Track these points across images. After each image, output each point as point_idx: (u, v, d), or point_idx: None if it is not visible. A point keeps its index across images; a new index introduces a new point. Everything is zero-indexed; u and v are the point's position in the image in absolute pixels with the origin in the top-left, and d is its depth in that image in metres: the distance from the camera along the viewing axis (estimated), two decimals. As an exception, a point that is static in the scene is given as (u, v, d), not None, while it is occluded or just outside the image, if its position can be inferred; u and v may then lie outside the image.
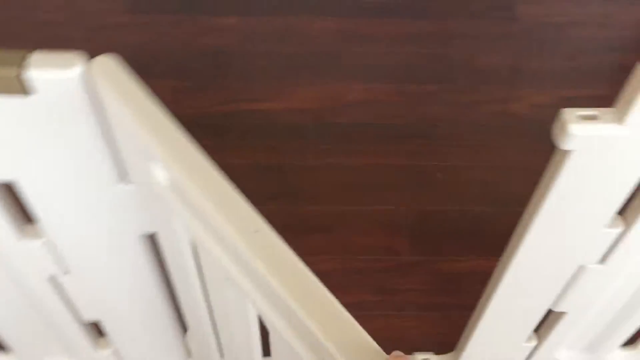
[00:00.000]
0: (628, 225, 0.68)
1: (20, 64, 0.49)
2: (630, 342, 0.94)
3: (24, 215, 0.65)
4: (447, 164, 1.27)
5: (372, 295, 1.11)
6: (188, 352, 0.92)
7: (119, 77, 0.51)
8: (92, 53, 0.54)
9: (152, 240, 0.68)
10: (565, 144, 0.57)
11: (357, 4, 1.52)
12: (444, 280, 1.12)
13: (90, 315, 0.80)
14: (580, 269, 0.75)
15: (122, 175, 0.61)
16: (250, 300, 0.55)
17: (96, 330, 0.85)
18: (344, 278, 1.12)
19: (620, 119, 0.55)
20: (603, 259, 0.73)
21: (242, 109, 1.35)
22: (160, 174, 0.57)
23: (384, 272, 1.13)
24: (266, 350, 0.62)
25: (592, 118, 0.56)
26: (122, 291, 0.75)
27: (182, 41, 1.45)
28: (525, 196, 1.24)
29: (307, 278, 0.48)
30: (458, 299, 1.09)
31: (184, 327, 0.86)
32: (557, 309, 0.83)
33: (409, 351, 1.00)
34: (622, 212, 0.68)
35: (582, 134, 0.56)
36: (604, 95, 1.36)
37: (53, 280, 0.73)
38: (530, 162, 1.28)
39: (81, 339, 0.84)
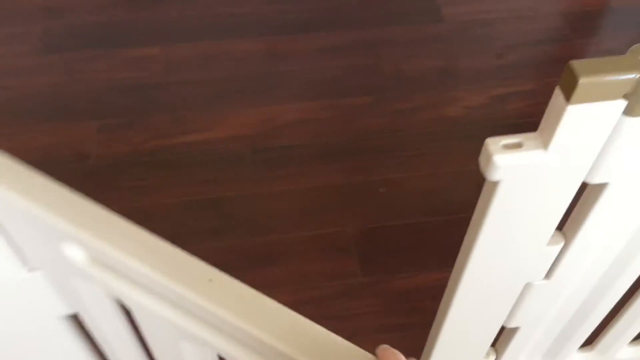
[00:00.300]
0: (568, 240, 0.67)
1: None
2: (587, 342, 0.94)
3: None
4: (389, 177, 1.25)
5: (328, 323, 1.08)
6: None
7: (7, 171, 0.47)
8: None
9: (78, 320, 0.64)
10: (492, 176, 0.56)
11: (279, 22, 1.49)
12: (399, 300, 1.11)
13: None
14: (527, 285, 0.74)
15: (24, 262, 0.56)
16: (214, 348, 0.52)
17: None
18: (299, 310, 1.09)
19: (544, 144, 0.54)
20: (548, 275, 0.72)
21: (174, 143, 1.30)
22: (75, 254, 0.53)
23: (337, 297, 1.11)
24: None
25: (516, 146, 0.55)
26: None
27: (101, 78, 1.39)
28: (469, 201, 1.24)
29: (283, 314, 0.45)
30: (415, 318, 1.08)
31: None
32: (509, 325, 0.82)
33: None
34: (561, 227, 0.67)
35: (507, 164, 0.54)
36: (533, 89, 1.37)
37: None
38: (470, 164, 1.29)
39: None
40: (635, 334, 0.90)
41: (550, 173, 0.56)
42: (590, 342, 0.93)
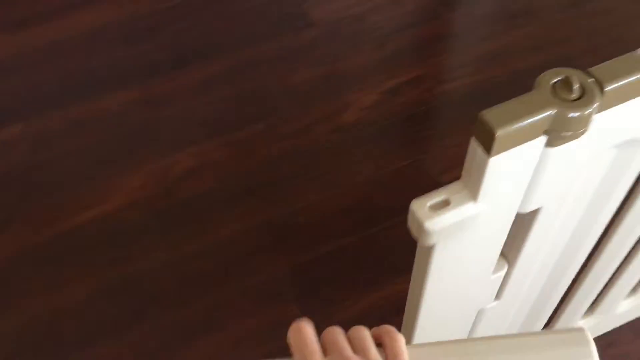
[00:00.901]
0: (511, 262, 0.65)
1: None
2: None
3: None
4: (304, 203, 1.20)
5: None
6: None
7: None
8: None
9: None
10: (426, 242, 0.51)
11: (146, 64, 1.39)
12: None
13: None
14: (480, 310, 0.71)
15: None
16: None
17: None
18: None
19: (473, 196, 0.50)
20: (498, 296, 0.70)
21: (66, 229, 1.18)
22: None
23: (286, 349, 1.05)
24: None
25: (444, 204, 0.51)
26: None
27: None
28: (390, 205, 1.21)
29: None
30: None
31: None
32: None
33: None
34: (503, 252, 0.64)
35: (440, 227, 0.50)
36: (421, 74, 1.35)
37: None
38: (381, 167, 1.25)
39: None
40: (582, 311, 0.91)
41: (483, 218, 0.52)
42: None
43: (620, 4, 1.45)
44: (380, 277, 1.13)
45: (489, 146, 0.45)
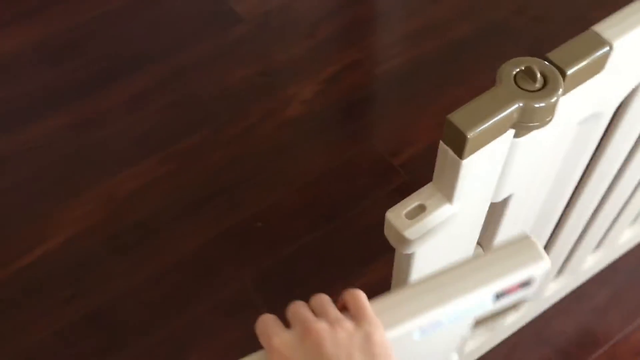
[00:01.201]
0: (485, 248, 0.64)
1: None
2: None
3: None
4: (260, 208, 1.17)
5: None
6: None
7: None
8: None
9: None
10: (406, 250, 0.50)
11: (69, 85, 1.32)
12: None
13: None
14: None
15: None
16: None
17: None
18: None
19: (448, 198, 0.49)
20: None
21: (12, 272, 1.12)
22: None
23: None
24: None
25: (419, 210, 0.49)
26: None
27: None
28: (347, 198, 1.20)
29: None
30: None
31: None
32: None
33: None
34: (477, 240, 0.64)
35: (419, 234, 0.49)
36: (358, 58, 1.34)
37: None
38: (332, 159, 1.23)
39: None
40: (552, 274, 0.92)
41: (460, 216, 0.51)
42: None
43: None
44: (348, 269, 1.12)
45: (460, 149, 0.44)
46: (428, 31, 1.37)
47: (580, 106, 0.50)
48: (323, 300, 0.43)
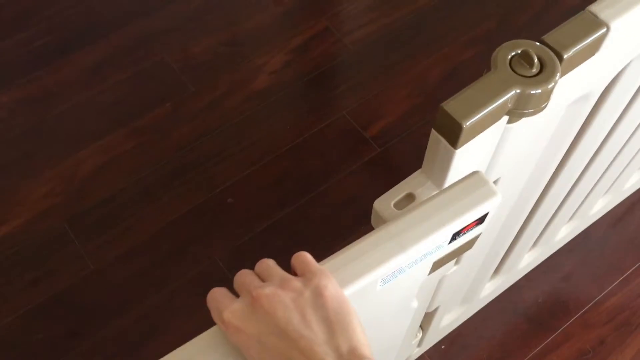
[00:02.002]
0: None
1: None
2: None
3: None
4: (230, 182, 1.14)
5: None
6: None
7: None
8: None
9: None
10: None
11: (28, 56, 1.25)
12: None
13: None
14: (442, 278, 0.70)
15: None
16: None
17: None
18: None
19: (438, 185, 0.47)
20: (457, 262, 0.69)
21: (-27, 254, 1.07)
22: None
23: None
24: None
25: (408, 199, 0.47)
26: None
27: None
28: (320, 170, 1.17)
29: None
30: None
31: None
32: (431, 309, 0.80)
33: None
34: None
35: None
36: (327, 25, 1.30)
37: None
38: (303, 131, 1.20)
39: None
40: (527, 249, 0.92)
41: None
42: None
43: None
44: (322, 244, 1.10)
45: (454, 138, 0.42)
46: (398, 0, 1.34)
47: (572, 88, 0.48)
48: (268, 263, 0.42)
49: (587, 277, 1.07)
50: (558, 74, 0.42)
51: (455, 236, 0.41)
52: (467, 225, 0.40)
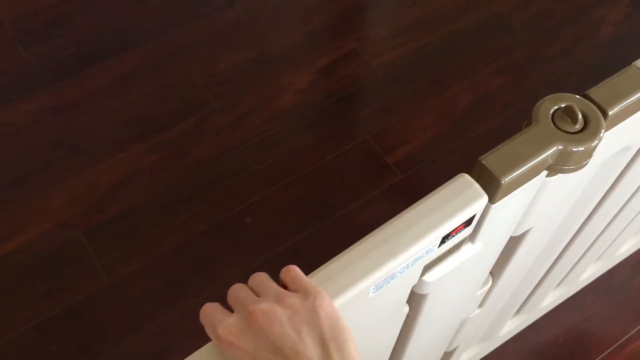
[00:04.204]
0: (495, 277, 0.62)
1: None
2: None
3: None
4: (250, 202, 1.13)
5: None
6: None
7: None
8: None
9: None
10: (421, 291, 0.47)
11: (55, 66, 1.25)
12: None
13: None
14: (464, 320, 0.69)
15: None
16: None
17: None
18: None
19: (471, 239, 0.45)
20: (481, 305, 0.67)
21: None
22: None
23: None
24: None
25: (439, 249, 0.46)
26: None
27: None
28: (340, 195, 1.16)
29: None
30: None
31: None
32: (450, 349, 0.78)
33: None
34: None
35: (438, 277, 0.45)
36: (354, 47, 1.29)
37: None
38: (326, 153, 1.19)
39: None
40: (551, 289, 0.90)
41: (480, 254, 0.48)
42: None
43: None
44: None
45: (492, 194, 0.40)
46: (427, 23, 1.32)
47: (614, 142, 0.47)
48: (261, 277, 0.41)
49: (609, 319, 1.04)
50: (602, 132, 0.41)
51: (444, 239, 0.40)
52: (456, 228, 0.40)
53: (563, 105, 0.42)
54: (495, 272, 0.60)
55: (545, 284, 0.84)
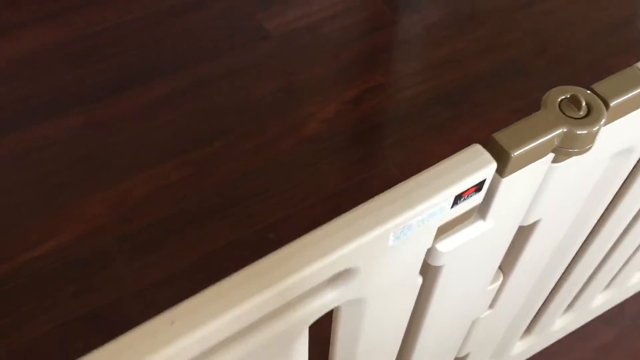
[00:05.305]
0: (506, 274, 0.66)
1: None
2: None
3: None
4: (274, 219, 1.18)
5: None
6: None
7: None
8: None
9: None
10: (435, 262, 0.51)
11: (93, 88, 1.34)
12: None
13: None
14: (474, 321, 0.72)
15: None
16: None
17: None
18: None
19: (482, 215, 0.51)
20: (491, 305, 0.71)
21: (20, 264, 1.13)
22: None
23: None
24: None
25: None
26: None
27: None
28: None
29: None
30: None
31: None
32: (461, 355, 0.81)
33: None
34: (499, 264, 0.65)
35: (451, 248, 0.50)
36: (381, 82, 1.37)
37: None
38: (348, 178, 1.25)
39: None
40: (562, 309, 0.93)
41: (489, 235, 0.53)
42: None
43: (561, 6, 1.51)
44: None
45: (502, 167, 0.46)
46: (450, 62, 1.40)
47: (616, 139, 0.52)
48: None
49: (623, 352, 1.06)
50: (603, 119, 0.46)
51: (457, 200, 0.45)
52: (468, 190, 0.45)
53: (569, 95, 0.47)
54: (505, 268, 0.65)
55: (556, 301, 0.87)
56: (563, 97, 0.47)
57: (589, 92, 0.48)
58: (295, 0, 1.48)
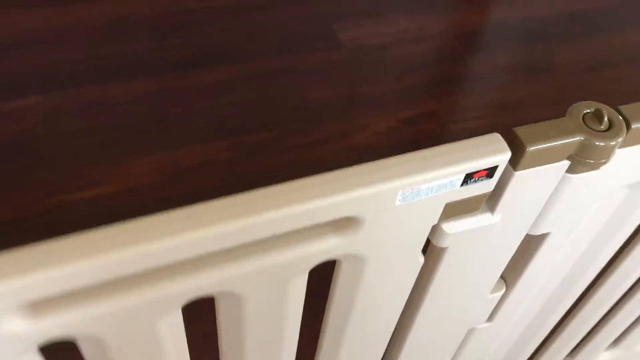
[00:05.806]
0: (509, 286, 0.68)
1: None
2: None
3: None
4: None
5: None
6: None
7: None
8: None
9: None
10: (440, 243, 0.55)
11: (170, 60, 1.43)
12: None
13: None
14: (470, 330, 0.74)
15: None
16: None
17: None
18: None
19: (491, 208, 0.54)
20: (490, 318, 0.73)
21: (67, 201, 1.21)
22: None
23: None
24: None
25: (463, 210, 0.54)
26: None
27: (-28, 136, 1.26)
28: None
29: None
30: None
31: None
32: (454, 367, 0.83)
33: None
34: (503, 274, 0.68)
35: (456, 230, 0.54)
36: (437, 110, 1.41)
37: None
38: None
39: None
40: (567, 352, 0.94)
41: (495, 231, 0.56)
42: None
43: (634, 74, 1.52)
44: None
45: (517, 159, 0.49)
46: (509, 106, 1.43)
47: (634, 165, 0.55)
48: None
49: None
50: (622, 137, 0.49)
51: (467, 179, 0.48)
52: (479, 172, 0.48)
53: (594, 110, 0.51)
54: (509, 278, 0.67)
55: (557, 342, 0.88)
56: (588, 110, 0.51)
57: (614, 110, 0.51)
58: (373, 19, 1.55)
